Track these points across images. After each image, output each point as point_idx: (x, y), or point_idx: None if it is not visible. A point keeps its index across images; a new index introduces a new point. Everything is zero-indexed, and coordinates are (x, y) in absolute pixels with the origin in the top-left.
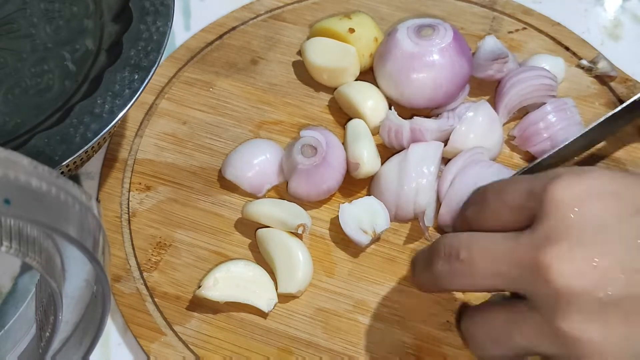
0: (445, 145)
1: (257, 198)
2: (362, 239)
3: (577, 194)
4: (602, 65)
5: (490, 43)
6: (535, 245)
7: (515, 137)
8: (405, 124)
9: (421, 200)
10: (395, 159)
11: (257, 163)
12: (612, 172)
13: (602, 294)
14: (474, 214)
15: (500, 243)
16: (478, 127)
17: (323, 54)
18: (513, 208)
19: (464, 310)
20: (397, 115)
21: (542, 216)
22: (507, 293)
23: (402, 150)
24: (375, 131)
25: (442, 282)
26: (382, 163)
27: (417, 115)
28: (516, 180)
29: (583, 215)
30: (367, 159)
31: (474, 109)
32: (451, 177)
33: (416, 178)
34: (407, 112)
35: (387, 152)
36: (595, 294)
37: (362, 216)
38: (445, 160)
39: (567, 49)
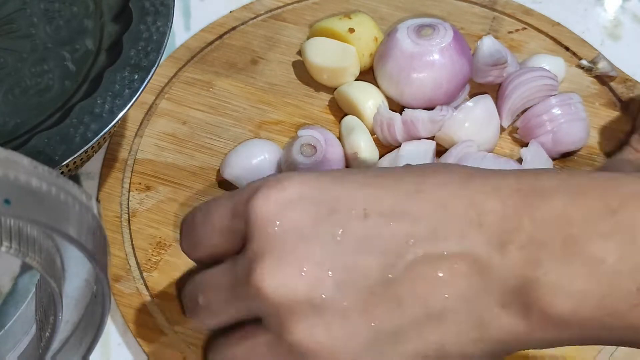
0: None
1: None
2: None
3: (274, 207)
4: (602, 65)
5: (488, 44)
6: (247, 269)
7: (518, 129)
8: (397, 116)
9: None
10: (387, 158)
11: (256, 163)
12: (308, 175)
13: (317, 299)
14: (188, 245)
15: (224, 275)
16: (475, 118)
17: (323, 54)
18: (222, 230)
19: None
20: (388, 109)
21: (249, 236)
22: None
23: (397, 145)
24: (374, 132)
25: (202, 325)
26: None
27: None
28: (220, 198)
29: (283, 227)
30: (365, 147)
31: (475, 100)
32: None
33: None
34: None
35: (383, 149)
36: (311, 301)
37: None
38: (440, 150)
39: (567, 49)
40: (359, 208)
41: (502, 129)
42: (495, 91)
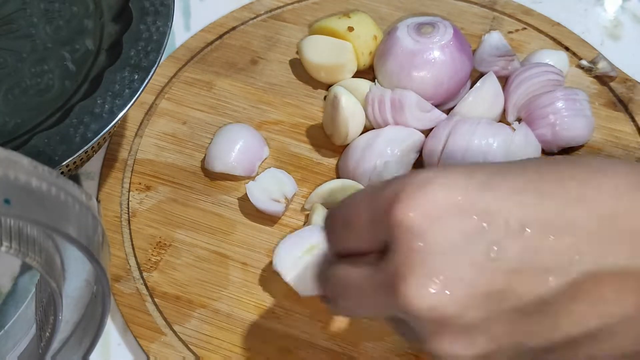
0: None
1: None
2: (277, 208)
3: (419, 219)
4: (602, 66)
5: (495, 38)
6: (391, 282)
7: (521, 119)
8: (387, 92)
9: (376, 179)
10: (368, 134)
11: (239, 148)
12: (453, 177)
13: (466, 318)
14: (331, 240)
15: (364, 281)
16: (483, 97)
17: (320, 52)
18: (360, 233)
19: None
20: (380, 86)
21: (392, 247)
22: None
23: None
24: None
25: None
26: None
27: None
28: (357, 196)
29: (430, 243)
30: (345, 92)
31: (482, 81)
32: (442, 141)
33: (377, 157)
34: None
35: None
36: (459, 320)
37: (270, 188)
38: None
39: (567, 49)
40: (514, 220)
41: None
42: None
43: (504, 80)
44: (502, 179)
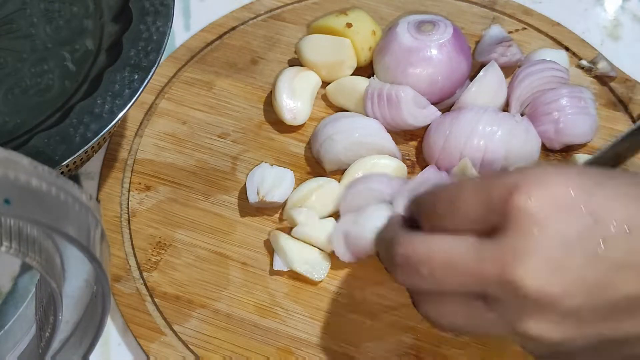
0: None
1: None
2: (251, 196)
3: (540, 209)
4: (602, 66)
5: (495, 31)
6: (501, 260)
7: (524, 115)
8: (386, 86)
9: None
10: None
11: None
12: (569, 173)
13: (567, 305)
14: (428, 222)
15: (462, 255)
16: (487, 86)
17: (319, 50)
18: (470, 220)
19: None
20: (379, 80)
21: (508, 231)
22: None
23: (387, 126)
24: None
25: (404, 284)
26: None
27: None
28: (467, 189)
29: (548, 231)
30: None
31: (485, 70)
32: (446, 130)
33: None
34: None
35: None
36: (560, 305)
37: (269, 180)
38: None
39: (567, 49)
40: (620, 221)
41: None
42: None
43: (508, 76)
44: (611, 182)
